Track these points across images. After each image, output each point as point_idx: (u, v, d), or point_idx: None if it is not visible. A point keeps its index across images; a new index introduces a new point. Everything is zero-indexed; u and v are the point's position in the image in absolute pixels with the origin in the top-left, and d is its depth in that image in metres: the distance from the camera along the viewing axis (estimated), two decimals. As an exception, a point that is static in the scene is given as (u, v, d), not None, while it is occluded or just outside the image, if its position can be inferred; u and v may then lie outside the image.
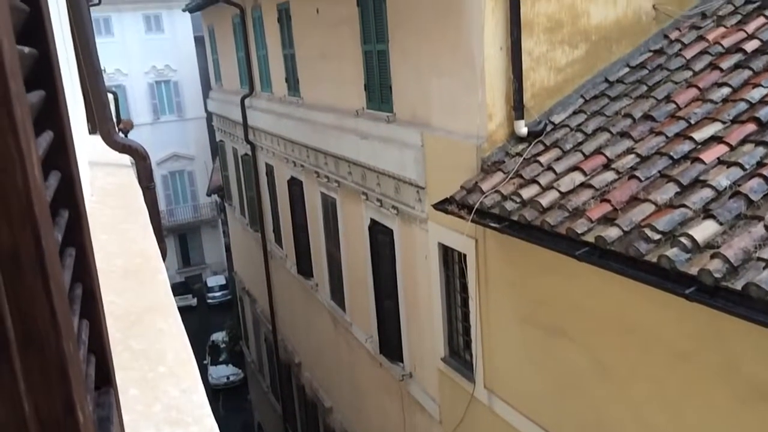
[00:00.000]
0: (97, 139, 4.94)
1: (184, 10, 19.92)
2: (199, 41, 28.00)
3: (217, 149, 21.47)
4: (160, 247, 3.05)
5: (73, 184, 0.90)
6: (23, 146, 0.54)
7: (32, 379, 0.59)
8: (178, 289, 30.07)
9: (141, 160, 4.31)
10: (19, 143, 0.54)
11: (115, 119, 7.26)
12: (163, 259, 2.97)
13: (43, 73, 0.86)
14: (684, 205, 4.47)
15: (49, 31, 0.85)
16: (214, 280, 32.88)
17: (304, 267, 12.82)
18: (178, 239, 33.57)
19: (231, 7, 14.25)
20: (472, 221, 6.06)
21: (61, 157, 0.89)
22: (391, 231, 8.71)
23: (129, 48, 30.99)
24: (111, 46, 29.11)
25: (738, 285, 3.75)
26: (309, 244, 12.37)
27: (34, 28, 0.84)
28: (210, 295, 32.34)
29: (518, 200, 5.68)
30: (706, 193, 4.49)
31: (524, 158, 6.17)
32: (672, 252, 4.17)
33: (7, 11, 0.55)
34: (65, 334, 0.59)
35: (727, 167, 4.62)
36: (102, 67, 4.85)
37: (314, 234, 11.99)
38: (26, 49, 0.79)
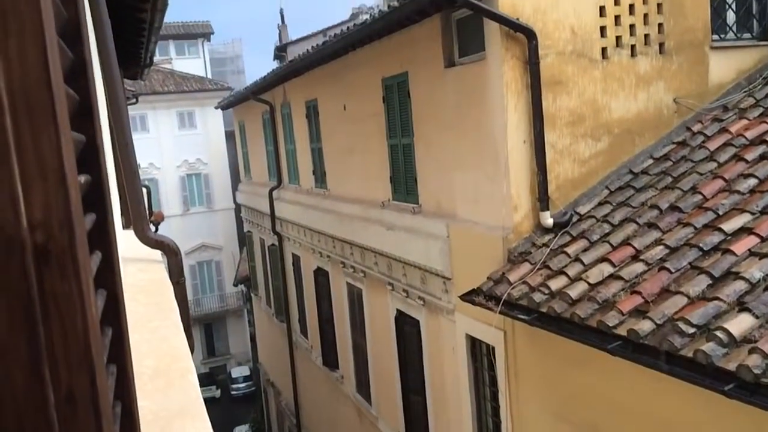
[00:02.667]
0: (130, 233, 5.06)
1: (216, 108, 20.77)
2: (229, 136, 28.94)
3: (244, 240, 21.75)
4: (188, 343, 3.06)
5: (118, 304, 0.93)
6: (84, 291, 0.57)
7: None
8: (202, 381, 29.70)
9: (172, 255, 4.38)
10: (81, 288, 0.57)
11: (147, 212, 7.45)
12: (191, 354, 2.98)
13: (95, 196, 0.91)
14: (717, 298, 4.39)
15: (102, 158, 0.91)
16: (239, 371, 32.48)
17: (330, 358, 12.65)
18: (203, 329, 33.50)
19: (261, 104, 14.83)
20: (500, 313, 5.99)
21: (108, 277, 0.93)
22: (418, 322, 8.62)
23: (163, 143, 32.12)
24: (146, 141, 30.20)
25: (780, 382, 3.61)
26: (335, 335, 12.26)
27: (89, 155, 0.90)
28: (234, 386, 31.85)
29: (546, 292, 5.62)
30: (740, 286, 4.41)
31: (551, 249, 6.15)
32: (708, 347, 4.06)
33: (73, 158, 0.60)
34: (114, 472, 0.60)
35: (759, 259, 4.55)
36: (138, 163, 5.03)
37: (340, 325, 11.90)
38: (83, 178, 0.85)
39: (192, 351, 3.76)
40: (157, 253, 4.95)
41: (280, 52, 27.66)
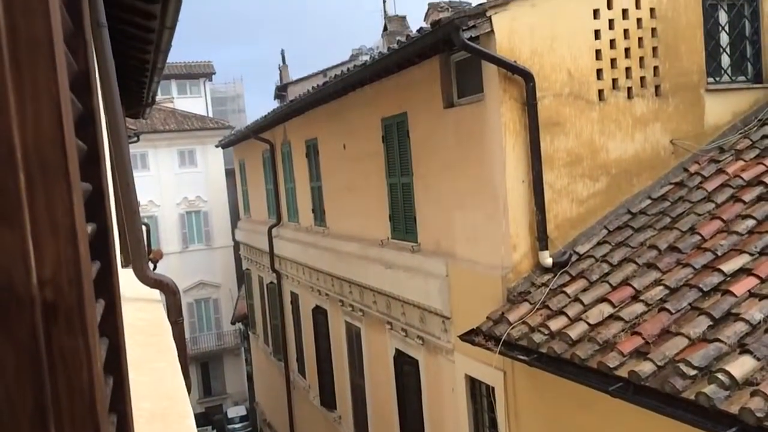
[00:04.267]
0: (129, 272, 5.05)
1: (217, 146, 20.93)
2: (229, 174, 29.02)
3: (243, 277, 21.68)
4: (185, 383, 3.03)
5: (119, 351, 0.93)
6: (91, 345, 0.58)
7: None
8: (198, 421, 29.03)
9: (171, 295, 4.37)
10: (88, 343, 0.58)
11: (146, 251, 7.44)
12: (188, 393, 2.94)
13: (100, 244, 0.92)
14: (718, 339, 4.36)
15: (107, 204, 0.93)
16: (235, 411, 31.96)
17: (328, 398, 12.50)
18: (200, 368, 33.08)
19: (261, 143, 14.95)
20: (500, 353, 5.95)
21: (110, 325, 0.93)
22: (417, 362, 8.54)
23: (163, 181, 32.21)
24: (146, 179, 30.25)
25: (783, 426, 3.57)
26: (333, 374, 12.14)
27: (95, 203, 0.91)
28: (230, 426, 31.29)
29: (546, 332, 5.59)
30: (740, 327, 4.39)
31: (550, 289, 6.14)
32: (710, 389, 4.02)
33: (84, 218, 0.62)
34: None
35: (759, 300, 4.54)
36: (138, 202, 5.05)
37: (338, 364, 11.79)
38: (89, 228, 0.86)
39: (189, 391, 3.72)
40: (156, 292, 4.93)
41: (280, 91, 28.03)
